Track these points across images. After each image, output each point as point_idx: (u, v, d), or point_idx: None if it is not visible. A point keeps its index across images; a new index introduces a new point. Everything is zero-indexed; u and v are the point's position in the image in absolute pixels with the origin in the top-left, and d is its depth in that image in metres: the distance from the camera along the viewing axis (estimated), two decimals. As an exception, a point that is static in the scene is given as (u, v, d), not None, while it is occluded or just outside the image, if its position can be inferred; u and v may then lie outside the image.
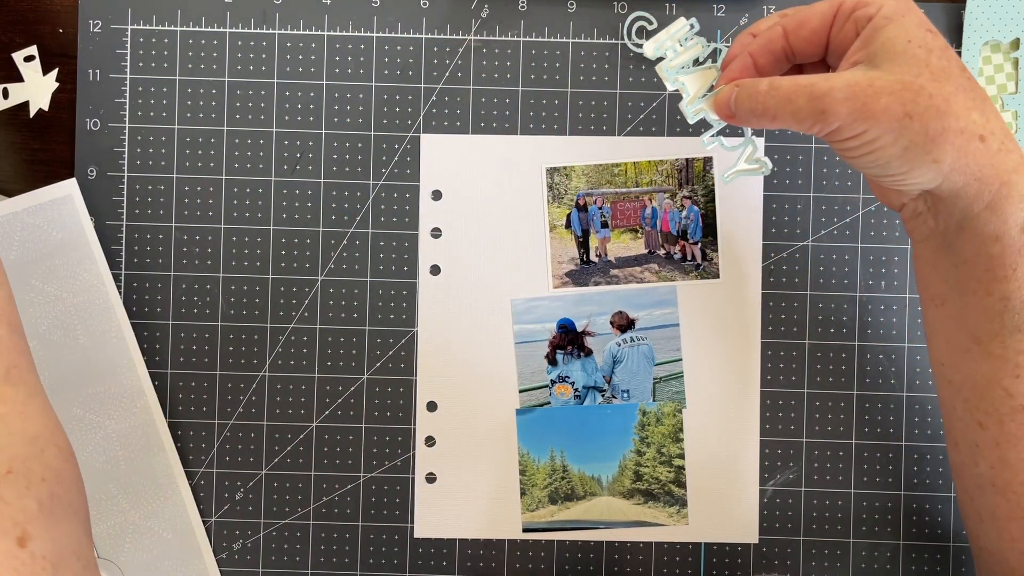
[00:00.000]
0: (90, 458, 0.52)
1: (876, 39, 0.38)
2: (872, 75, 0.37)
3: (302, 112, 0.54)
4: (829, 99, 0.37)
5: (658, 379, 0.53)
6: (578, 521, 0.53)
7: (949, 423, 0.44)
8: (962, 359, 0.41)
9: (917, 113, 0.36)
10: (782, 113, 0.38)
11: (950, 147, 0.36)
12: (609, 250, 0.53)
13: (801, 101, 0.38)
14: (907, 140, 0.36)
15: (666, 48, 0.43)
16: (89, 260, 0.52)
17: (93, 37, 0.53)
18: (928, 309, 0.43)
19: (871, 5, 0.38)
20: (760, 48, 0.42)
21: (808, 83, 0.38)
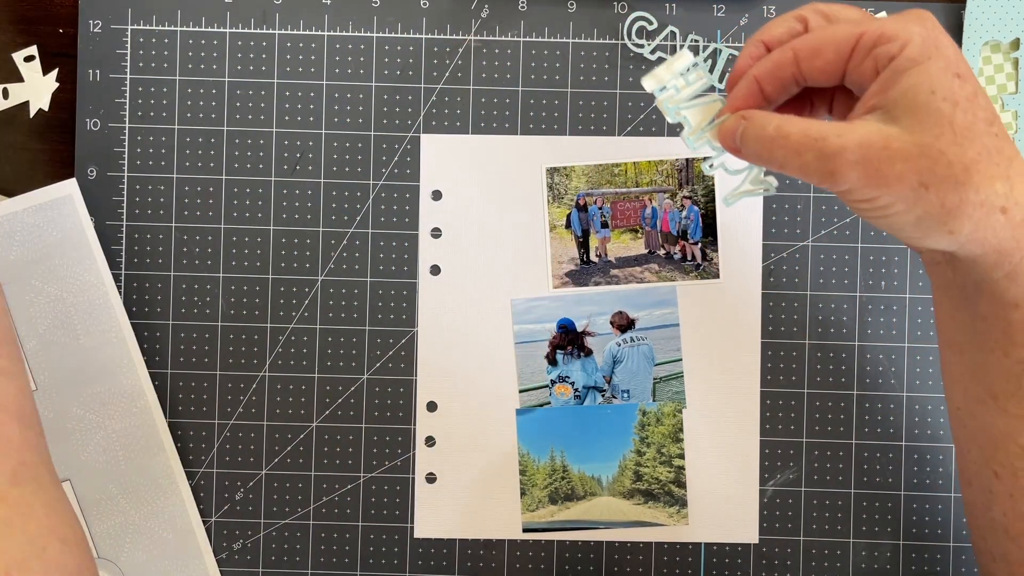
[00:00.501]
0: (90, 458, 0.52)
1: (897, 85, 0.34)
2: (888, 133, 0.34)
3: (302, 112, 0.54)
4: (840, 160, 0.34)
5: (658, 379, 0.53)
6: (578, 521, 0.53)
7: (963, 464, 0.43)
8: (978, 409, 0.40)
9: (934, 183, 0.33)
10: (789, 165, 0.35)
11: (967, 220, 0.34)
12: (609, 250, 0.53)
13: (809, 156, 0.35)
14: (921, 210, 0.34)
15: (667, 82, 0.40)
16: (89, 260, 0.52)
17: (93, 37, 0.53)
18: (945, 354, 0.41)
19: (895, 42, 0.34)
20: (767, 73, 0.38)
21: (819, 136, 0.34)
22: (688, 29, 0.53)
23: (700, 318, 0.53)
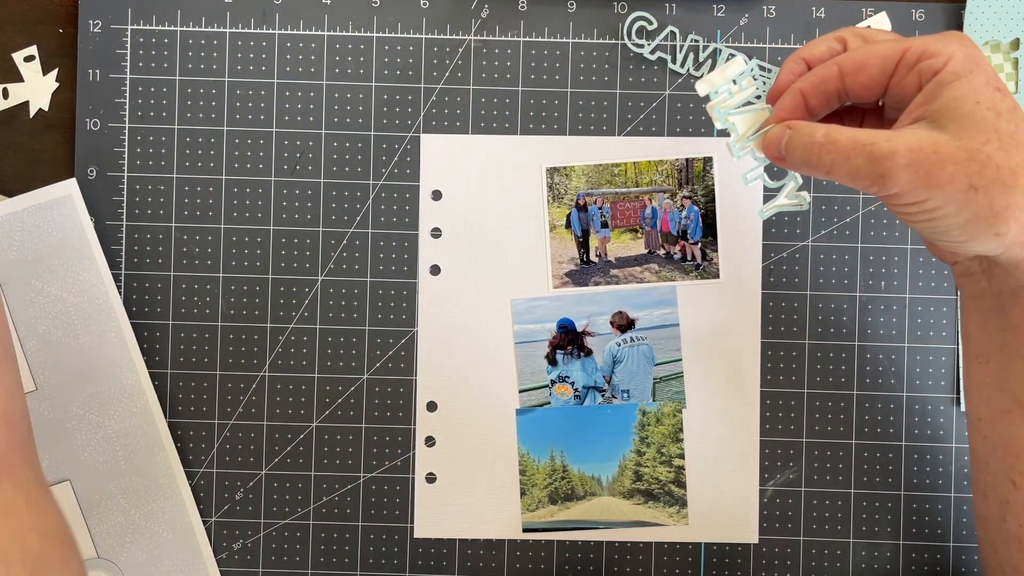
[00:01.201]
0: (90, 458, 0.52)
1: (941, 96, 0.35)
2: (937, 139, 0.35)
3: (302, 112, 0.54)
4: (891, 163, 0.35)
5: (658, 379, 0.53)
6: (578, 521, 0.53)
7: (979, 475, 0.43)
8: (1001, 419, 0.41)
9: (983, 186, 0.34)
10: (838, 170, 0.36)
11: (1014, 222, 0.35)
12: (609, 250, 0.53)
13: (860, 160, 0.35)
14: (970, 212, 0.35)
15: (719, 87, 0.40)
16: (89, 260, 0.52)
17: (93, 37, 0.53)
18: (970, 364, 0.42)
19: (938, 57, 0.36)
20: (812, 87, 0.39)
21: (868, 141, 0.35)
22: (688, 29, 0.53)
23: (700, 318, 0.53)
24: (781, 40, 0.53)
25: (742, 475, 0.53)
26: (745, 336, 0.53)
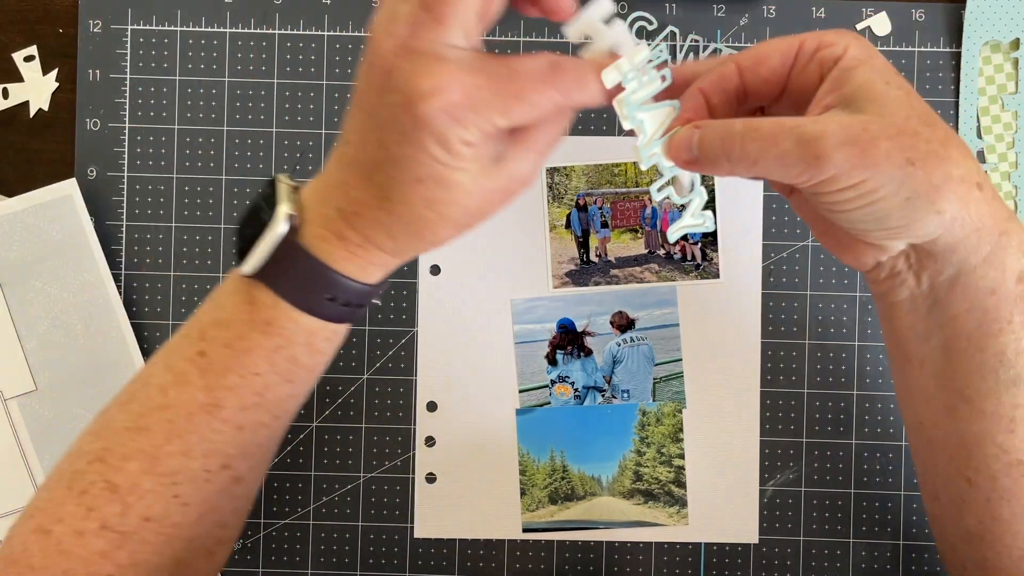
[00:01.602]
0: (90, 458, 0.52)
1: (850, 81, 0.35)
2: (861, 119, 0.33)
3: (302, 112, 0.54)
4: (824, 143, 0.33)
5: (658, 379, 0.53)
6: (578, 521, 0.53)
7: (928, 478, 0.42)
8: (946, 419, 0.39)
9: (919, 159, 0.33)
10: (765, 157, 0.34)
11: (953, 196, 0.34)
12: (609, 250, 0.53)
13: (788, 144, 0.33)
14: (910, 190, 0.33)
15: (627, 76, 0.35)
16: (89, 260, 0.52)
17: (93, 37, 0.53)
18: (903, 371, 0.41)
19: (836, 46, 0.35)
20: (713, 85, 0.37)
21: (794, 124, 0.34)
22: (688, 29, 0.53)
23: (700, 318, 0.53)
24: (781, 40, 0.53)
25: (742, 475, 0.53)
26: (745, 336, 0.53)
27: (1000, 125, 0.53)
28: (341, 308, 0.37)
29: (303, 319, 0.37)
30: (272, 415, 0.39)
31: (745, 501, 0.53)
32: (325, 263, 0.36)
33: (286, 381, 0.38)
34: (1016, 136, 0.53)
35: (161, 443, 0.38)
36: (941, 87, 0.53)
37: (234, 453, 0.39)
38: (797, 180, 0.34)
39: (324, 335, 0.38)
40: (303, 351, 0.38)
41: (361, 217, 0.36)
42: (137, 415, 0.38)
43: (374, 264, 0.37)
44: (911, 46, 0.53)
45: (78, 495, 0.38)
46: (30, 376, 0.52)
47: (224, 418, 0.38)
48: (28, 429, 0.52)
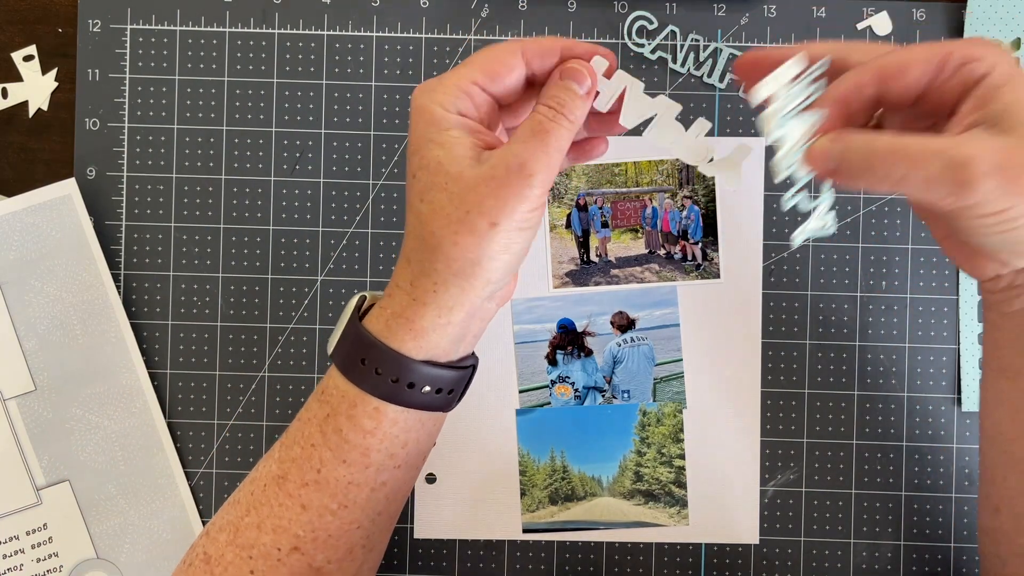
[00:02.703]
0: (89, 458, 0.52)
1: (997, 100, 0.34)
2: (1009, 143, 0.33)
3: (302, 112, 0.53)
4: (973, 169, 0.32)
5: (658, 379, 0.53)
6: (578, 522, 0.53)
7: (992, 491, 0.42)
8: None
9: None
10: (911, 178, 0.33)
11: None
12: (609, 250, 0.53)
13: (935, 167, 0.33)
14: None
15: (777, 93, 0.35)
16: (88, 260, 0.52)
17: (92, 37, 0.53)
18: (996, 380, 0.41)
19: (983, 62, 0.34)
20: (851, 93, 0.36)
21: (943, 146, 0.33)
22: (688, 28, 0.53)
23: (700, 318, 0.53)
24: (781, 40, 0.53)
25: (743, 475, 0.53)
26: (745, 336, 0.53)
27: (1001, 125, 0.53)
28: (376, 377, 0.38)
29: (345, 386, 0.39)
30: (334, 499, 0.39)
31: (746, 501, 0.53)
32: (364, 327, 0.38)
33: (340, 460, 0.39)
34: (1017, 136, 0.53)
35: (242, 514, 0.40)
36: (942, 87, 0.53)
37: (303, 535, 0.39)
38: (941, 202, 0.34)
39: (365, 410, 0.38)
40: (346, 423, 0.39)
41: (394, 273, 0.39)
42: (238, 490, 0.41)
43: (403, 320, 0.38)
44: (912, 46, 0.53)
45: (186, 567, 0.41)
46: (29, 376, 0.52)
47: (289, 492, 0.39)
48: (27, 429, 0.52)
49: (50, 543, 0.52)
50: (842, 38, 0.53)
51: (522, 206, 0.36)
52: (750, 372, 0.53)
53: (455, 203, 0.36)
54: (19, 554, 0.52)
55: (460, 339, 0.39)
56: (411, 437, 0.40)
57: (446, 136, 0.36)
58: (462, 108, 0.37)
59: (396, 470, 0.40)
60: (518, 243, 0.37)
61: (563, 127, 0.37)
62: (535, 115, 0.37)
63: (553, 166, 0.36)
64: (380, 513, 0.41)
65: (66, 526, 0.52)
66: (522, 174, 0.35)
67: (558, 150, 0.36)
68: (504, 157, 0.36)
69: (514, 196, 0.35)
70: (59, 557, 0.52)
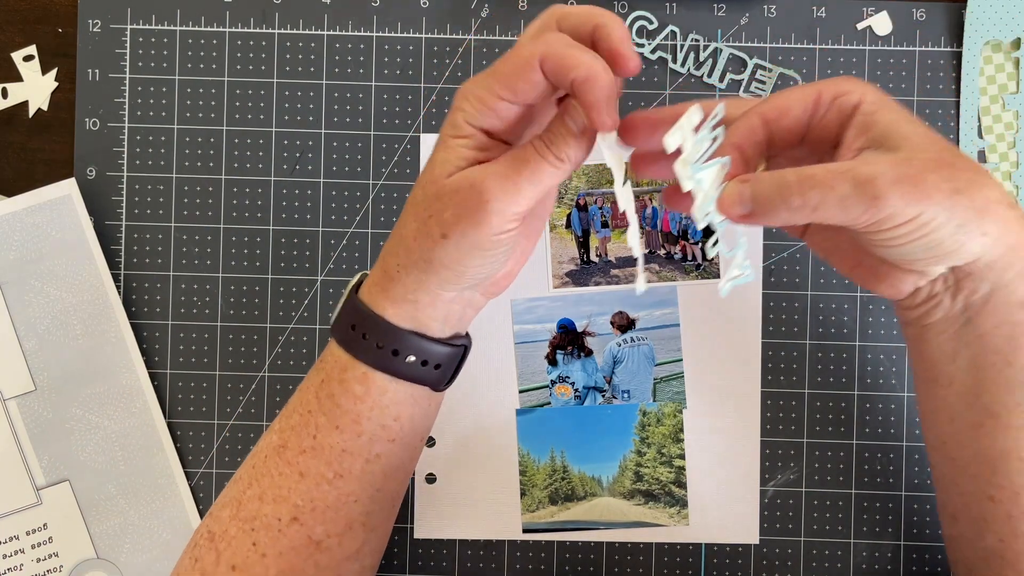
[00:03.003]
0: (89, 458, 0.52)
1: (877, 123, 0.36)
2: (901, 157, 0.35)
3: (302, 112, 0.53)
4: (880, 183, 0.34)
5: (658, 379, 0.53)
6: (578, 522, 0.53)
7: (947, 498, 0.43)
8: (971, 436, 0.40)
9: (963, 188, 0.35)
10: (826, 202, 0.34)
11: (995, 217, 0.35)
12: (609, 250, 0.53)
13: (845, 188, 0.34)
14: (960, 217, 0.35)
15: (685, 139, 0.35)
16: (88, 260, 0.52)
17: (92, 37, 0.53)
18: (930, 391, 0.42)
19: (852, 94, 0.37)
20: (744, 139, 0.37)
21: (845, 168, 0.35)
22: (688, 29, 0.53)
23: (700, 318, 0.53)
24: (782, 40, 0.53)
25: (743, 475, 0.53)
26: (745, 336, 0.53)
27: (1001, 125, 0.53)
28: (363, 342, 0.39)
29: (338, 352, 0.41)
30: (330, 467, 0.40)
31: (746, 501, 0.53)
32: (357, 296, 0.40)
33: (333, 426, 0.40)
34: (1017, 136, 0.53)
35: (244, 488, 0.41)
36: (942, 87, 0.53)
37: (301, 505, 0.40)
38: (856, 221, 0.35)
39: (355, 375, 0.40)
40: (338, 388, 0.40)
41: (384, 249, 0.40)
42: (240, 467, 0.43)
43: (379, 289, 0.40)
44: (912, 45, 0.53)
45: (191, 548, 0.42)
46: (29, 376, 0.52)
47: (288, 460, 0.41)
48: (27, 429, 0.52)
49: (50, 543, 0.52)
50: (842, 38, 0.53)
51: (475, 230, 0.36)
52: (750, 372, 0.53)
53: (424, 204, 0.37)
54: (19, 554, 0.52)
55: (440, 318, 0.40)
56: (403, 412, 0.41)
57: (452, 142, 0.37)
58: (486, 124, 0.37)
59: (391, 444, 0.41)
60: (476, 259, 0.37)
61: (546, 163, 0.36)
62: (526, 144, 0.37)
63: (520, 198, 0.36)
64: (379, 490, 0.42)
65: (66, 526, 0.52)
66: (477, 195, 0.35)
67: (532, 183, 0.36)
68: (471, 174, 0.36)
69: (467, 216, 0.36)
70: (59, 557, 0.52)
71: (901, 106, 0.37)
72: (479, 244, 0.36)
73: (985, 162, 0.53)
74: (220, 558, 0.41)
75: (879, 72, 0.53)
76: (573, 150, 0.36)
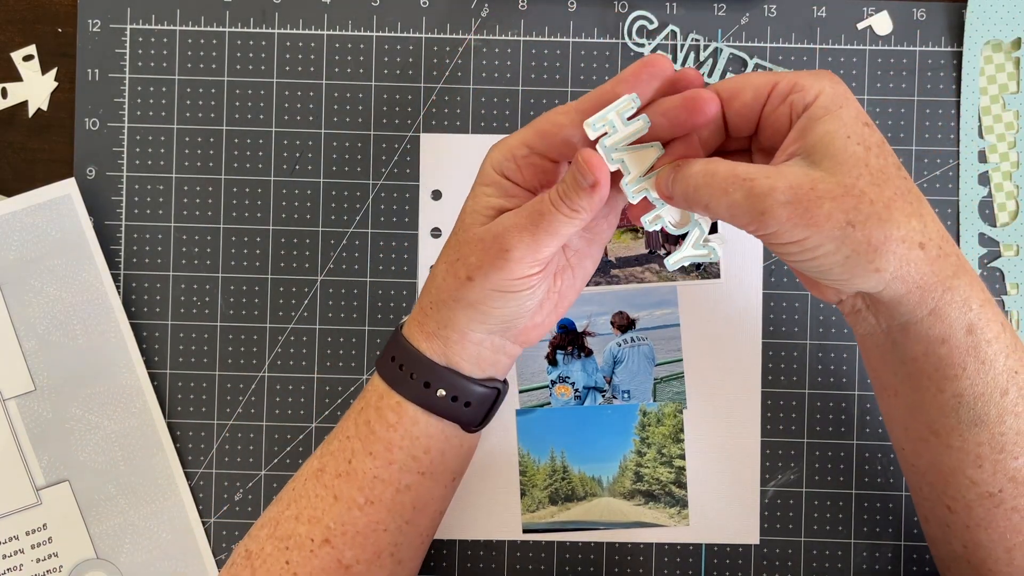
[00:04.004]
0: (89, 458, 0.52)
1: (814, 131, 0.35)
2: (813, 176, 0.35)
3: (302, 112, 0.53)
4: (770, 200, 0.34)
5: (658, 379, 0.53)
6: (578, 522, 0.53)
7: (917, 500, 0.44)
8: (922, 447, 0.41)
9: (859, 221, 0.34)
10: (716, 204, 0.35)
11: (892, 256, 0.35)
12: (609, 250, 0.53)
13: (738, 195, 0.35)
14: (849, 249, 0.35)
15: (607, 124, 0.37)
16: (88, 260, 0.52)
17: (92, 36, 0.53)
18: (881, 398, 0.42)
19: (808, 91, 0.36)
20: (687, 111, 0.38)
21: (747, 175, 0.35)
22: (689, 28, 0.53)
23: (700, 318, 0.53)
24: (782, 39, 0.53)
25: (743, 476, 0.53)
26: (745, 336, 0.53)
27: (1002, 125, 0.53)
28: (399, 372, 0.42)
29: (377, 381, 0.43)
30: (361, 492, 0.42)
31: (746, 501, 0.53)
32: (400, 331, 0.43)
33: (367, 452, 0.42)
34: (1018, 136, 0.52)
35: (283, 508, 0.43)
36: (942, 87, 0.53)
37: (333, 528, 0.42)
38: (744, 229, 0.36)
39: (390, 403, 0.42)
40: (374, 414, 0.42)
41: None
42: (283, 489, 0.45)
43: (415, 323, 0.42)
44: (912, 45, 0.53)
45: (229, 566, 0.44)
46: (29, 376, 0.52)
47: (324, 483, 0.42)
48: (27, 429, 0.52)
49: (50, 543, 0.52)
50: (842, 38, 0.53)
51: (498, 274, 0.38)
52: (750, 372, 0.53)
53: (454, 248, 0.40)
54: (19, 554, 0.52)
55: (474, 360, 0.42)
56: (433, 445, 0.42)
57: (480, 190, 0.40)
58: (507, 170, 0.39)
59: (420, 476, 0.42)
60: (499, 301, 0.39)
61: (560, 215, 0.37)
62: (543, 196, 0.38)
63: (539, 248, 0.38)
64: (408, 522, 0.43)
65: (66, 526, 0.52)
66: (499, 246, 0.38)
67: (549, 234, 0.37)
68: (496, 225, 0.38)
69: (489, 262, 0.38)
70: (59, 557, 0.52)
71: (857, 114, 0.36)
72: (502, 287, 0.39)
73: (985, 162, 0.52)
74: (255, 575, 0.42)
75: (879, 72, 0.53)
76: (584, 202, 0.37)
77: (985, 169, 0.53)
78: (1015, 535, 0.39)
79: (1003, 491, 0.39)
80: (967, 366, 0.37)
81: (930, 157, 0.53)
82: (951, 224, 0.53)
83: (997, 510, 0.39)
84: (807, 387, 0.53)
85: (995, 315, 0.37)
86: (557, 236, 0.38)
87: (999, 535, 0.39)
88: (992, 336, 0.37)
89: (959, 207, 0.53)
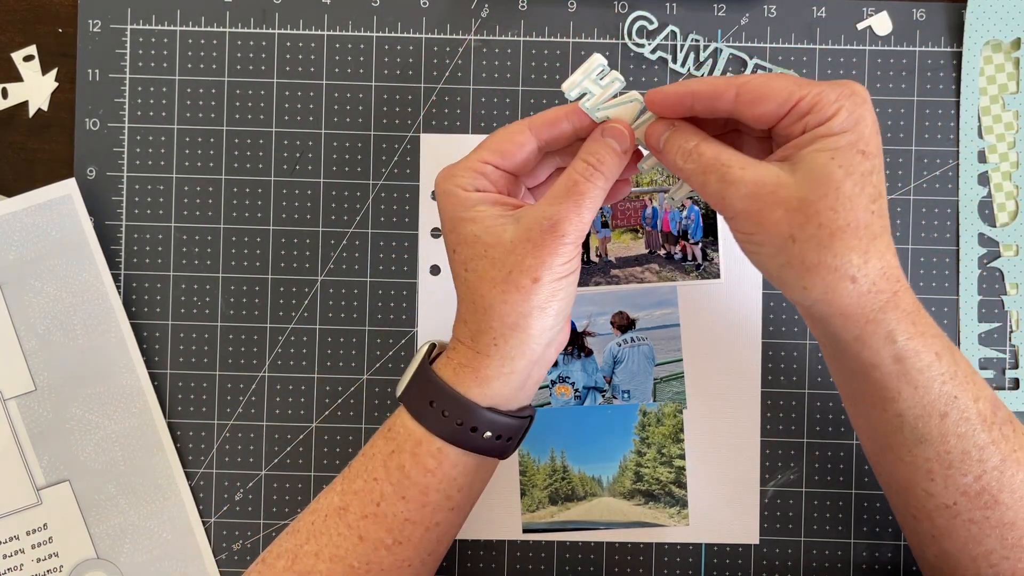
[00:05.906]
0: (89, 458, 0.52)
1: (810, 145, 0.36)
2: (781, 181, 0.36)
3: (302, 112, 0.53)
4: (733, 190, 0.37)
5: (658, 379, 0.53)
6: (578, 522, 0.53)
7: (893, 507, 0.45)
8: (882, 459, 0.42)
9: (801, 239, 0.36)
10: (694, 179, 0.39)
11: (820, 280, 0.36)
12: (609, 250, 0.53)
13: (712, 179, 0.37)
14: (784, 259, 0.37)
15: (584, 87, 0.40)
16: (88, 260, 0.52)
17: (92, 37, 0.53)
18: (847, 408, 0.43)
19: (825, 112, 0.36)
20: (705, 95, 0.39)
21: (727, 163, 0.37)
22: (688, 28, 0.53)
23: (700, 318, 0.53)
24: (782, 40, 0.53)
25: (743, 475, 0.53)
26: (745, 336, 0.53)
27: (1001, 125, 0.53)
28: (443, 419, 0.40)
29: (411, 424, 0.41)
30: (390, 534, 0.41)
31: (746, 501, 0.53)
32: (434, 371, 0.41)
33: (399, 496, 0.41)
34: (1017, 136, 0.53)
35: (302, 542, 0.42)
36: (942, 87, 0.53)
37: (357, 567, 0.41)
38: (713, 207, 0.39)
39: (429, 449, 0.41)
40: (410, 460, 0.41)
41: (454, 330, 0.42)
42: (299, 519, 0.43)
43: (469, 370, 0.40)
44: (912, 45, 0.53)
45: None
46: (29, 376, 0.52)
47: (349, 523, 0.41)
48: (27, 429, 0.52)
49: (50, 543, 0.52)
50: (842, 38, 0.53)
51: (558, 260, 0.38)
52: (750, 372, 0.53)
53: (497, 267, 0.39)
54: (19, 554, 0.52)
55: (521, 386, 0.41)
56: (467, 481, 0.42)
57: (474, 212, 0.39)
58: (480, 186, 0.40)
59: (450, 512, 0.42)
60: (562, 290, 0.39)
61: (597, 185, 0.39)
62: (572, 171, 0.39)
63: (585, 222, 0.39)
64: (430, 554, 0.43)
65: (66, 526, 0.52)
66: (555, 234, 0.38)
67: (591, 208, 0.39)
68: (539, 218, 0.39)
69: (549, 254, 0.38)
70: (59, 557, 0.52)
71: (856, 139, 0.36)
72: (562, 272, 0.39)
73: (985, 162, 0.52)
74: None
75: (879, 72, 0.53)
76: (616, 167, 0.40)
77: (985, 169, 0.53)
78: (976, 546, 0.40)
79: (957, 504, 0.39)
80: (901, 391, 0.38)
81: (930, 157, 0.53)
82: (951, 224, 0.53)
83: (955, 521, 0.40)
84: (807, 387, 0.53)
85: (926, 346, 0.38)
86: (597, 203, 0.39)
87: (962, 544, 0.40)
88: (924, 365, 0.38)
89: (959, 207, 0.53)
